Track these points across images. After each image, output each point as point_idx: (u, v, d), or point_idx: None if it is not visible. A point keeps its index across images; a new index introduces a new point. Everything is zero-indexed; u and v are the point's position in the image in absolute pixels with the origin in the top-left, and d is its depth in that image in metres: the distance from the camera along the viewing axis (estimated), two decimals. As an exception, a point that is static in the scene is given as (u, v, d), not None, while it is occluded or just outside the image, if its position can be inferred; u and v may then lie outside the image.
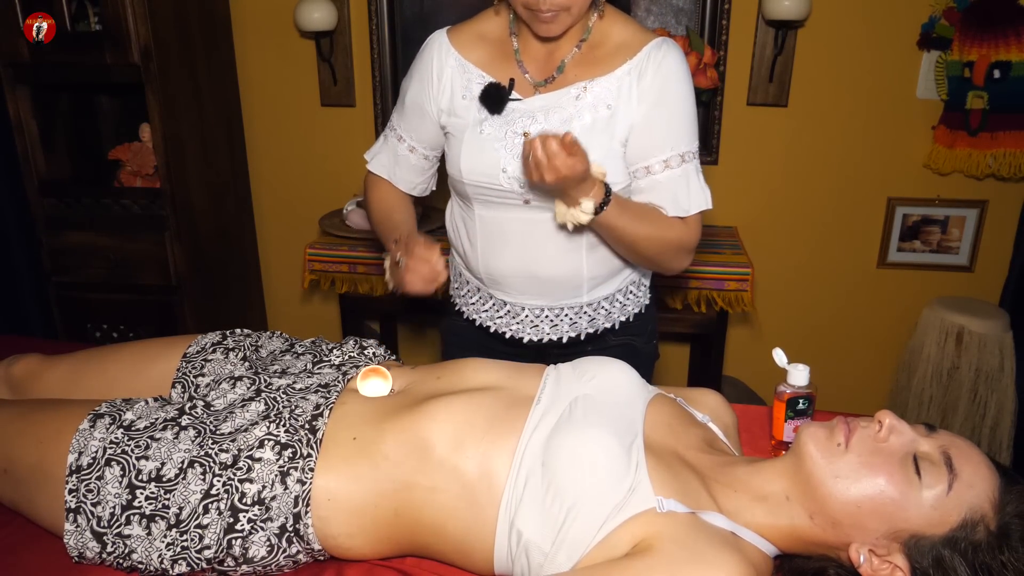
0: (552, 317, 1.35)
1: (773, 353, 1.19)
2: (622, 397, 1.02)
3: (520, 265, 1.31)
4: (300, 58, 2.49)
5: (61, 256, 2.31)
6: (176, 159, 2.23)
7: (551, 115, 1.25)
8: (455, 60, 1.31)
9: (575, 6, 1.18)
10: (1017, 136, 2.19)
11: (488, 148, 1.25)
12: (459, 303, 1.45)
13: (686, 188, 1.25)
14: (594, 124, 1.24)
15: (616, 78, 1.25)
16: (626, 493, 0.88)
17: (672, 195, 1.25)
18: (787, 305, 2.55)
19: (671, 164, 1.24)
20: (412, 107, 1.34)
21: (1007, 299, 2.37)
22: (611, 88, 1.24)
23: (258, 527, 0.94)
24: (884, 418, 0.90)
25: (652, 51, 1.24)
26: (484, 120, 1.27)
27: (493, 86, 1.27)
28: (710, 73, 2.10)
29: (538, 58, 1.29)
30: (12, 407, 1.10)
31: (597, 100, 1.25)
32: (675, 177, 1.24)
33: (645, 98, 1.23)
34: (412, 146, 1.38)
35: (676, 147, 1.24)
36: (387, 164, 1.41)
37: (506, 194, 1.26)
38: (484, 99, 1.26)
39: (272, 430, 0.99)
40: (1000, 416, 2.28)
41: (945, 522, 0.84)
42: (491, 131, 1.26)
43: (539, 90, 1.27)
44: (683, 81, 1.25)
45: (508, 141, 1.25)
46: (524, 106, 1.26)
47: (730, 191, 2.40)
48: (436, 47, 1.32)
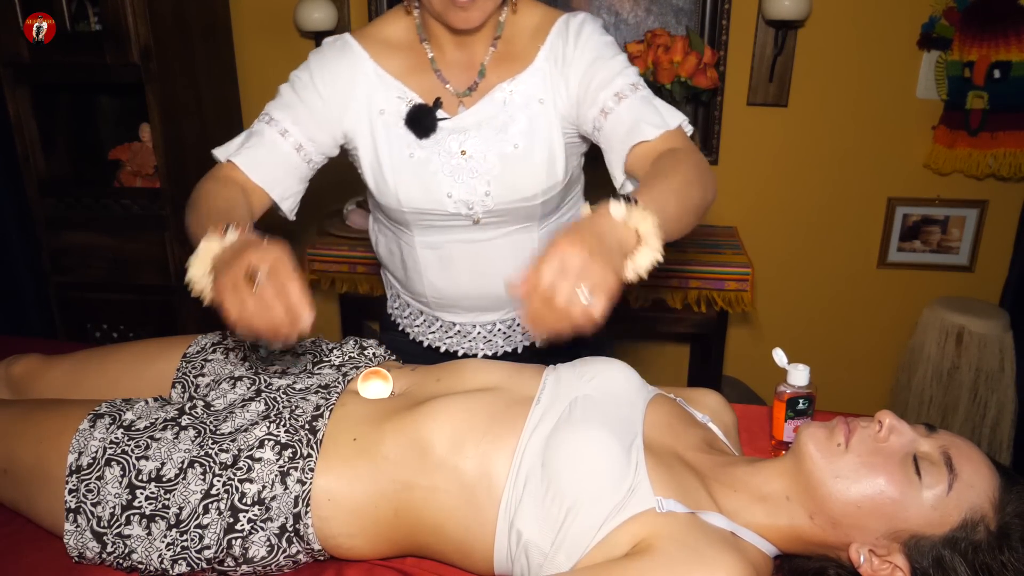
0: (505, 329, 1.32)
1: (773, 353, 1.19)
2: (622, 397, 1.02)
3: (471, 287, 1.25)
4: (300, 58, 2.46)
5: (61, 256, 2.31)
6: (176, 159, 2.23)
7: (483, 127, 1.17)
8: (373, 71, 1.18)
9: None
10: (1017, 136, 2.19)
11: (424, 174, 1.16)
12: (401, 324, 1.39)
13: (653, 108, 1.12)
14: (531, 124, 1.17)
15: (537, 69, 1.17)
16: (626, 493, 0.88)
17: (644, 118, 1.10)
18: (787, 305, 2.54)
19: (624, 94, 1.13)
20: (309, 105, 1.16)
21: (1007, 299, 2.37)
22: (535, 82, 1.17)
23: (258, 527, 0.94)
24: (884, 418, 0.90)
25: (560, 29, 1.17)
26: (411, 143, 1.17)
27: (419, 109, 1.16)
28: (710, 73, 2.09)
29: (456, 64, 1.19)
30: (12, 407, 1.10)
31: (527, 98, 1.17)
32: (635, 104, 1.12)
33: (573, 72, 1.15)
34: (300, 144, 1.16)
35: (621, 81, 1.13)
36: (258, 161, 1.15)
37: (452, 217, 1.19)
38: (412, 123, 1.16)
39: (272, 430, 0.99)
40: (1000, 416, 2.28)
41: (945, 522, 0.84)
42: (423, 154, 1.17)
43: (463, 101, 1.19)
44: (601, 34, 1.18)
45: (445, 163, 1.16)
46: (453, 123, 1.17)
47: (730, 191, 2.40)
48: (348, 53, 1.18)
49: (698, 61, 2.07)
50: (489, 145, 1.17)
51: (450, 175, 1.16)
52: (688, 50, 2.07)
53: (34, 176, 2.25)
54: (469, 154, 1.16)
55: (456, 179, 1.16)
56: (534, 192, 1.19)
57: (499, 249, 1.23)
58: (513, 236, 1.24)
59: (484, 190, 1.17)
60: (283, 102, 1.18)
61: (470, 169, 1.17)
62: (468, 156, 1.17)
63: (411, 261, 1.27)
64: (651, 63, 2.09)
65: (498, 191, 1.18)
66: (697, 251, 2.19)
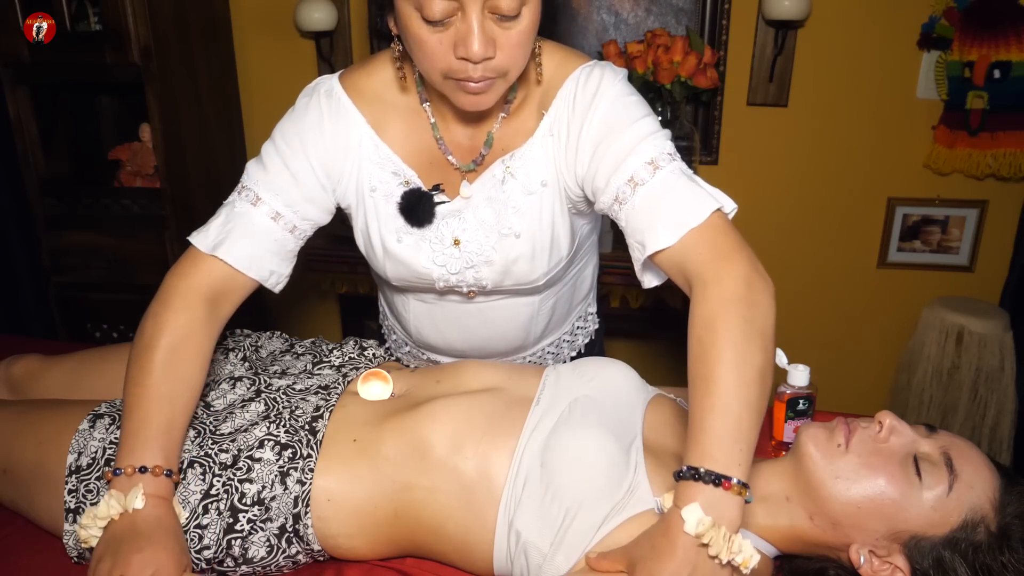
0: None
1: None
2: (621, 398, 1.02)
3: (461, 343, 1.18)
4: (300, 58, 2.49)
5: (61, 256, 2.31)
6: (176, 159, 2.23)
7: (479, 211, 1.01)
8: (369, 139, 1.01)
9: (514, 67, 0.89)
10: (1017, 136, 2.19)
11: (414, 262, 1.05)
12: (390, 345, 1.35)
13: (675, 197, 0.89)
14: (533, 208, 1.00)
15: (537, 144, 0.99)
16: (625, 494, 0.88)
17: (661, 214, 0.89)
18: (787, 305, 2.54)
19: (639, 180, 0.91)
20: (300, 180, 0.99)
21: (1007, 299, 2.37)
22: (535, 157, 0.98)
23: (258, 527, 0.93)
24: (884, 419, 0.90)
25: (569, 90, 0.97)
26: (400, 228, 1.04)
27: (415, 195, 1.01)
28: (710, 73, 2.09)
29: (462, 133, 1.02)
30: (12, 407, 1.10)
31: (527, 178, 0.99)
32: (655, 191, 0.90)
33: (583, 148, 0.95)
34: (293, 226, 1.00)
35: (636, 161, 0.91)
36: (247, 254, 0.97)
37: (446, 293, 1.11)
38: (406, 212, 1.02)
39: (272, 430, 0.98)
40: (1000, 416, 2.28)
41: (945, 523, 0.84)
42: (412, 241, 1.04)
43: (467, 176, 1.02)
44: (617, 96, 0.95)
45: (437, 252, 1.04)
46: (448, 207, 1.03)
47: (730, 191, 2.36)
48: (343, 116, 1.01)
49: (698, 61, 2.07)
50: (486, 234, 1.03)
51: (442, 265, 1.05)
52: (688, 50, 2.07)
53: (34, 176, 2.25)
54: (463, 244, 1.03)
55: (448, 268, 1.05)
56: (535, 277, 1.07)
57: (495, 312, 1.13)
58: (511, 304, 1.14)
59: (477, 277, 1.06)
60: (270, 177, 0.99)
61: (464, 259, 1.04)
62: (462, 246, 1.03)
63: (400, 307, 1.20)
64: (651, 63, 2.09)
65: (494, 278, 1.06)
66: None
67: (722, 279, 0.84)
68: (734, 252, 0.86)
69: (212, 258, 0.97)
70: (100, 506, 0.85)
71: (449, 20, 0.83)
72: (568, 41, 2.34)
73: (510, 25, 0.85)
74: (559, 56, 0.99)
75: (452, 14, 0.83)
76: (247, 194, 1.00)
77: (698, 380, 0.81)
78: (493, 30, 0.85)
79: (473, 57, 0.84)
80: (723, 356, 0.80)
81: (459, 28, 0.84)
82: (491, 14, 0.84)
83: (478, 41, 0.83)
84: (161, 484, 0.88)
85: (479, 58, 0.84)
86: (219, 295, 0.98)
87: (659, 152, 0.92)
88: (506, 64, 0.87)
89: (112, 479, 0.88)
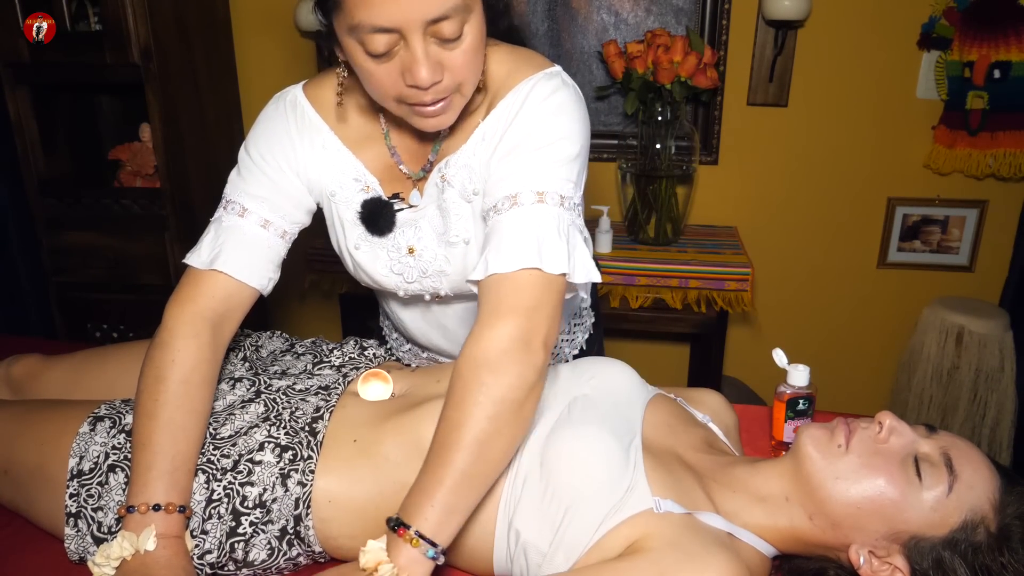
0: None
1: (773, 353, 1.19)
2: (621, 397, 1.02)
3: (452, 347, 1.20)
4: (300, 58, 2.49)
5: (61, 256, 2.31)
6: (176, 159, 2.23)
7: (433, 219, 1.03)
8: (333, 143, 1.03)
9: (467, 82, 0.89)
10: (1017, 136, 2.19)
11: (373, 270, 1.07)
12: (391, 345, 1.35)
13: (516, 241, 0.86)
14: (473, 215, 0.99)
15: (469, 151, 0.98)
16: (624, 493, 0.88)
17: (493, 251, 0.87)
18: (787, 305, 2.54)
19: (501, 208, 0.89)
20: (279, 186, 1.01)
21: (1007, 299, 2.37)
22: (468, 165, 0.98)
23: (259, 530, 0.93)
24: (884, 419, 0.90)
25: (514, 97, 0.94)
26: (359, 236, 1.06)
27: (376, 204, 1.02)
28: (710, 73, 2.09)
29: (411, 138, 1.03)
30: (12, 408, 1.09)
31: (462, 186, 0.98)
32: (504, 224, 0.88)
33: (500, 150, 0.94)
34: (284, 231, 1.03)
35: (515, 187, 0.89)
36: (244, 263, 0.99)
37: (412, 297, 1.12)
38: (367, 222, 1.03)
39: (272, 432, 0.98)
40: (1000, 416, 2.28)
41: (945, 523, 0.84)
42: (368, 248, 1.06)
43: (417, 185, 1.04)
44: (552, 113, 0.92)
45: (394, 261, 1.06)
46: (404, 216, 1.04)
47: (730, 191, 2.40)
48: (307, 120, 1.02)
49: (698, 61, 2.07)
50: (439, 242, 1.04)
51: (399, 273, 1.06)
52: (688, 50, 2.07)
53: (34, 176, 2.25)
54: (417, 253, 1.05)
55: (405, 277, 1.06)
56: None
57: (469, 313, 1.14)
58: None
59: (435, 284, 1.08)
60: (251, 187, 1.02)
61: (419, 268, 1.06)
62: (417, 255, 1.05)
63: (386, 307, 1.24)
64: (651, 63, 2.09)
65: (450, 284, 1.07)
66: (697, 251, 2.19)
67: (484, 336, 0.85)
68: (519, 314, 0.85)
69: (211, 273, 0.98)
70: (113, 546, 0.87)
71: (394, 50, 0.84)
72: (568, 41, 2.34)
73: (454, 46, 0.85)
74: (510, 64, 0.97)
75: (395, 44, 0.84)
76: (233, 207, 1.01)
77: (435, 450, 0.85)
78: (439, 54, 0.85)
79: (422, 84, 0.85)
80: (449, 415, 0.84)
81: (404, 57, 0.84)
82: (433, 38, 0.84)
83: (425, 68, 0.84)
84: (173, 522, 0.89)
85: (427, 84, 0.85)
86: (222, 316, 0.99)
87: (554, 190, 0.90)
88: (457, 81, 0.88)
89: (125, 516, 0.89)
